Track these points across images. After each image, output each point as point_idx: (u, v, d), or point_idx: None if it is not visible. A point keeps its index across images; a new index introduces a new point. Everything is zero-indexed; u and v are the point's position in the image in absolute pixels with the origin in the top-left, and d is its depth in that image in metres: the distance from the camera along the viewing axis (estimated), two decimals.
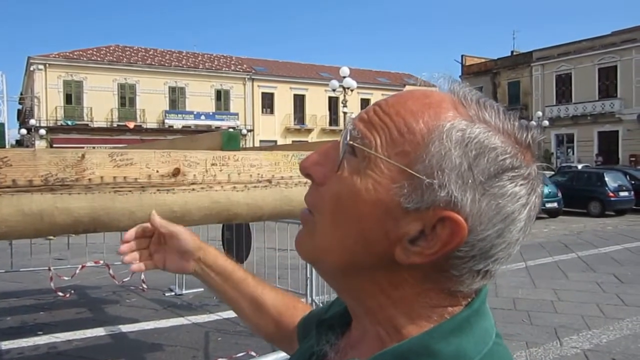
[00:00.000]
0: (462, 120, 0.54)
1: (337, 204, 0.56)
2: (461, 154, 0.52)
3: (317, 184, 0.59)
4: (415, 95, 0.57)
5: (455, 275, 0.54)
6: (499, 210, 0.52)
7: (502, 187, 0.52)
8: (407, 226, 0.53)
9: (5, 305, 6.03)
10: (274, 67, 44.03)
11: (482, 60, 44.92)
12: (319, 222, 0.58)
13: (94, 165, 1.81)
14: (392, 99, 0.58)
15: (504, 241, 0.53)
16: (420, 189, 0.52)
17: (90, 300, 6.28)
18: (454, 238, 0.51)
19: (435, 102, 0.55)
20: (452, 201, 0.51)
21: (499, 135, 0.54)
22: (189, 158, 1.99)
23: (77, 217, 1.80)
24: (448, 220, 0.51)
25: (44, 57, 35.56)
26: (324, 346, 0.65)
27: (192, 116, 39.02)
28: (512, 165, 0.53)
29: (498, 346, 0.56)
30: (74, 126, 35.70)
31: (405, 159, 0.53)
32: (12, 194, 1.69)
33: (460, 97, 0.56)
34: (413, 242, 0.53)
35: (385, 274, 0.56)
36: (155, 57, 40.04)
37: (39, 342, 4.70)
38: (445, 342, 0.53)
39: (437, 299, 0.55)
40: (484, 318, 0.57)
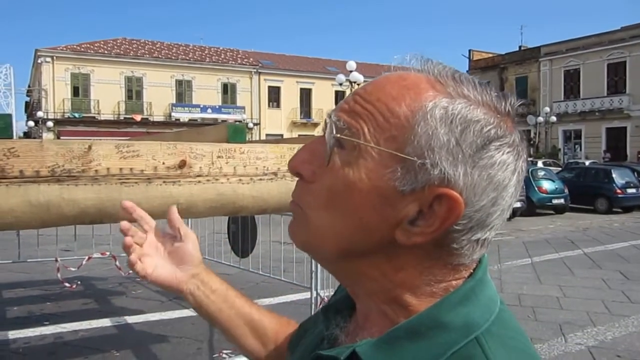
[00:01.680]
0: (443, 98, 0.55)
1: (330, 197, 0.57)
2: (447, 130, 0.53)
3: (307, 181, 0.60)
4: (392, 79, 0.58)
5: (456, 248, 0.55)
6: (491, 179, 0.54)
7: (491, 157, 0.54)
8: (405, 208, 0.54)
9: (13, 295, 6.08)
10: (281, 61, 43.99)
11: (489, 55, 44.69)
12: (311, 216, 0.59)
13: (100, 157, 1.82)
14: (369, 87, 0.58)
15: (499, 208, 0.55)
16: (413, 171, 0.53)
17: (97, 291, 6.32)
18: (451, 213, 0.53)
19: (413, 84, 0.56)
20: (445, 178, 0.52)
21: (480, 107, 0.55)
22: (195, 150, 1.99)
23: (83, 208, 1.81)
24: (444, 197, 0.53)
25: (52, 49, 35.68)
26: (334, 330, 0.65)
27: (198, 109, 39.08)
28: (497, 134, 0.54)
29: (504, 312, 0.58)
30: (81, 119, 35.83)
31: (395, 144, 0.54)
32: (19, 184, 1.70)
33: (435, 76, 0.57)
34: (413, 223, 0.54)
35: (385, 257, 0.57)
36: (162, 50, 40.08)
37: (45, 332, 4.74)
38: (454, 313, 0.54)
39: (441, 274, 0.57)
40: (488, 286, 0.59)
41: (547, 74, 38.94)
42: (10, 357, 4.15)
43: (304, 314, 5.07)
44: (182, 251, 0.85)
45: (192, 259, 0.86)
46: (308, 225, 0.59)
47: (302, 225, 0.60)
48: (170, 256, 0.86)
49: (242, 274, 5.98)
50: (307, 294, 4.70)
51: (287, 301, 5.59)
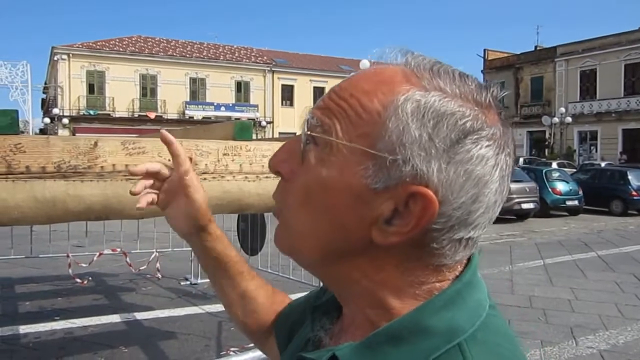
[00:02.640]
0: (417, 91, 0.52)
1: (307, 196, 0.55)
2: (419, 125, 0.51)
3: (285, 179, 0.59)
4: (367, 74, 0.56)
5: (436, 248, 0.53)
6: (469, 175, 0.51)
7: (467, 152, 0.51)
8: (379, 207, 0.52)
9: (25, 290, 6.14)
10: (294, 60, 44.04)
11: (505, 55, 44.32)
12: (291, 217, 0.58)
13: (106, 153, 1.82)
14: (345, 83, 0.57)
15: (481, 206, 0.53)
16: (385, 168, 0.51)
17: (107, 287, 6.37)
18: (426, 211, 0.51)
19: (387, 78, 0.54)
20: (418, 174, 0.50)
21: (456, 99, 0.53)
22: (200, 147, 1.99)
23: (89, 204, 1.81)
24: (418, 195, 0.51)
25: (68, 47, 36.03)
26: (319, 332, 0.65)
27: (212, 107, 39.25)
28: (473, 128, 0.52)
29: (492, 317, 0.55)
30: (96, 116, 36.16)
31: (366, 140, 0.52)
32: (26, 180, 1.71)
33: (412, 68, 0.55)
34: (388, 222, 0.52)
35: (366, 258, 0.55)
36: (176, 48, 40.31)
37: (55, 327, 4.78)
38: (437, 317, 0.53)
39: (423, 275, 0.55)
40: (477, 289, 0.56)
41: (563, 74, 38.54)
42: (21, 352, 4.19)
43: None
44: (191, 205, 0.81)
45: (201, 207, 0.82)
46: (289, 227, 0.58)
47: (284, 228, 0.59)
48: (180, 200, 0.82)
49: None
50: None
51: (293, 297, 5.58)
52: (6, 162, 1.67)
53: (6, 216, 1.72)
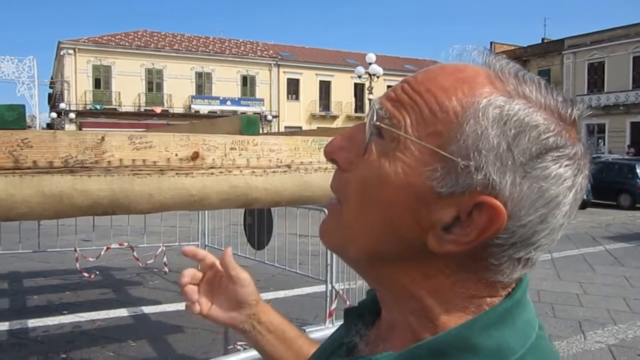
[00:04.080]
0: (500, 96, 0.49)
1: (363, 190, 0.53)
2: (499, 133, 0.47)
3: (342, 169, 0.56)
4: (447, 70, 0.52)
5: (494, 264, 0.50)
6: (542, 193, 0.48)
7: (545, 169, 0.48)
8: (440, 212, 0.49)
9: (33, 284, 6.18)
10: (300, 53, 43.93)
11: (511, 47, 44.04)
12: (345, 209, 0.55)
13: (113, 148, 1.81)
14: (421, 75, 0.53)
15: (547, 227, 0.49)
16: (454, 172, 0.48)
17: (114, 281, 6.39)
18: (492, 225, 0.47)
19: (470, 77, 0.51)
20: (489, 185, 0.47)
21: (541, 111, 0.49)
22: (207, 142, 1.97)
23: (96, 199, 1.80)
24: (485, 206, 0.47)
25: (74, 41, 36.09)
26: (354, 337, 0.61)
27: (218, 102, 39.26)
28: (556, 144, 0.48)
29: (542, 339, 0.53)
30: (102, 110, 36.25)
31: (438, 140, 0.49)
32: (33, 175, 1.70)
33: (496, 71, 0.52)
34: (447, 230, 0.49)
35: (417, 264, 0.52)
36: (182, 43, 40.29)
37: (63, 320, 4.80)
38: (486, 336, 0.49)
39: (475, 289, 0.52)
40: (526, 309, 0.53)
41: (570, 67, 38.27)
42: (30, 345, 4.22)
43: (319, 307, 5.07)
44: (236, 292, 0.84)
45: (248, 302, 0.84)
46: (340, 222, 0.55)
47: (335, 223, 0.56)
48: (225, 295, 0.85)
49: (258, 266, 5.99)
50: (323, 287, 4.69)
51: (302, 294, 5.59)
52: (13, 157, 1.66)
53: (14, 211, 1.71)
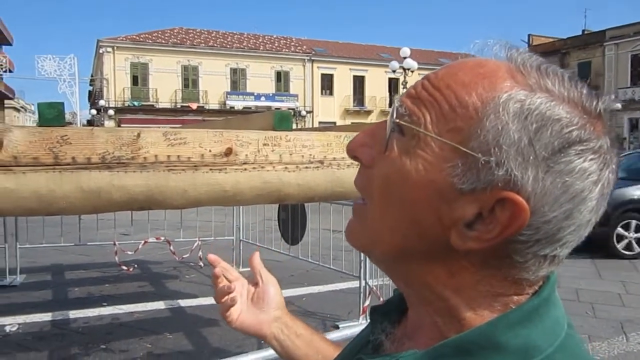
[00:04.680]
0: (521, 90, 0.48)
1: (385, 187, 0.53)
2: (520, 127, 0.47)
3: (364, 166, 0.56)
4: (468, 65, 0.52)
5: (518, 261, 0.49)
6: (566, 188, 0.47)
7: (569, 163, 0.47)
8: (462, 209, 0.49)
9: (74, 277, 6.35)
10: (334, 48, 43.87)
11: (550, 40, 42.98)
12: (369, 208, 0.55)
13: (148, 144, 1.84)
14: (442, 71, 0.53)
15: (573, 223, 0.48)
16: (475, 168, 0.47)
17: (152, 274, 6.52)
18: (514, 221, 0.47)
19: (490, 72, 0.50)
20: (511, 180, 0.46)
21: (564, 104, 0.48)
22: (241, 138, 1.99)
23: (132, 194, 1.84)
24: (507, 202, 0.47)
25: (113, 40, 36.91)
26: (380, 335, 0.61)
27: (252, 97, 39.59)
28: (579, 137, 0.47)
29: (571, 337, 0.51)
30: (140, 107, 37.00)
31: (458, 136, 0.48)
32: (72, 171, 1.74)
33: (518, 65, 0.51)
34: (470, 226, 0.49)
35: (441, 261, 0.52)
36: (217, 39, 40.74)
37: (103, 312, 4.92)
38: (512, 334, 0.49)
39: (500, 286, 0.51)
40: (555, 307, 0.52)
41: (612, 59, 37.08)
42: (71, 336, 4.34)
43: (353, 303, 5.07)
44: (264, 295, 0.88)
45: (274, 303, 0.88)
46: (365, 221, 0.56)
47: (360, 223, 0.57)
48: (252, 300, 0.89)
49: (292, 261, 6.02)
50: (356, 283, 4.68)
51: (336, 289, 5.59)
52: (53, 154, 1.71)
53: (54, 206, 1.76)
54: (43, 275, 6.39)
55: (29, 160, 1.69)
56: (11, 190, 1.68)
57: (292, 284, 5.86)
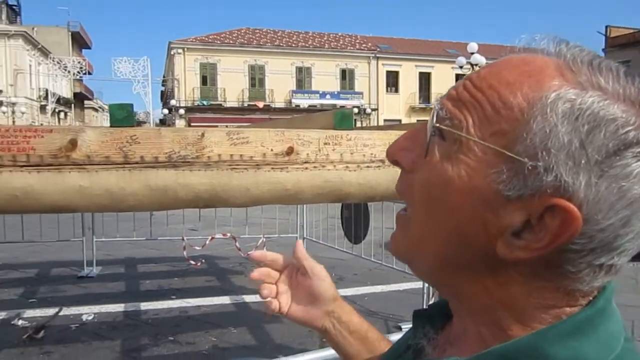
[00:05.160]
0: (571, 89, 0.45)
1: (427, 194, 0.50)
2: (570, 129, 0.43)
3: (405, 171, 0.54)
4: (513, 63, 0.49)
5: (571, 271, 0.46)
6: (623, 194, 0.43)
7: (626, 167, 0.43)
8: (509, 217, 0.46)
9: (146, 270, 6.62)
10: (399, 45, 43.40)
11: (630, 31, 40.56)
12: (411, 216, 0.53)
13: (212, 144, 1.88)
14: (484, 70, 0.50)
15: (632, 230, 0.45)
16: (522, 174, 0.44)
17: (218, 270, 6.69)
18: (565, 229, 0.43)
19: (537, 69, 0.47)
20: (561, 186, 0.43)
21: (619, 103, 0.44)
22: (302, 137, 2.00)
23: (197, 192, 1.89)
24: (558, 209, 0.43)
25: (183, 41, 38.16)
26: (421, 340, 0.60)
27: (317, 95, 39.82)
28: (637, 139, 0.43)
29: (629, 352, 0.47)
30: (209, 106, 38.07)
31: (503, 140, 0.45)
32: (140, 169, 1.81)
33: (568, 61, 0.47)
34: (517, 235, 0.46)
35: (488, 271, 0.49)
36: (283, 38, 41.26)
37: (172, 305, 5.10)
38: (562, 345, 0.45)
39: (552, 298, 0.48)
40: (611, 319, 0.49)
41: None
42: (142, 327, 4.52)
43: (416, 304, 4.99)
44: (311, 288, 0.85)
45: (325, 297, 0.84)
46: (408, 230, 0.53)
47: (402, 233, 0.55)
48: (302, 292, 0.86)
49: (355, 260, 6.01)
50: (420, 284, 4.61)
51: (399, 289, 5.52)
52: (123, 153, 1.78)
53: (124, 203, 1.84)
54: (117, 267, 6.70)
55: (101, 159, 1.77)
56: (85, 188, 1.77)
57: (354, 283, 5.85)
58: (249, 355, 3.91)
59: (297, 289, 0.86)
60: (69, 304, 5.02)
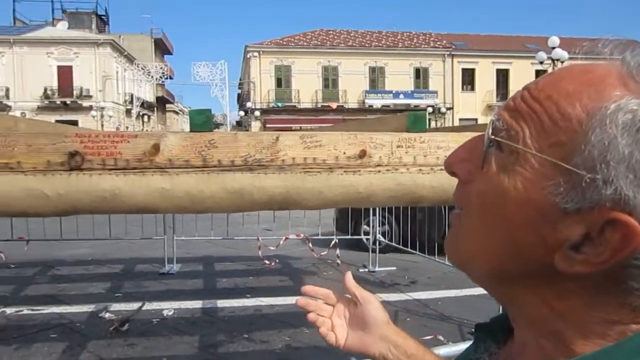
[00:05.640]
0: (633, 99, 0.43)
1: (483, 205, 0.49)
2: (631, 141, 0.41)
3: (462, 181, 0.53)
4: (573, 72, 0.47)
5: (636, 288, 0.44)
6: None
7: None
8: (567, 230, 0.44)
9: (222, 268, 6.84)
10: (475, 41, 42.26)
11: None
12: (465, 223, 0.52)
13: (286, 147, 1.91)
14: (543, 80, 0.48)
15: None
16: (580, 187, 0.43)
17: (292, 270, 6.79)
18: (626, 245, 0.42)
19: (597, 79, 0.45)
20: (621, 200, 0.42)
21: None
22: (374, 140, 1.99)
23: (271, 195, 1.93)
24: (618, 223, 0.42)
25: (258, 45, 39.07)
26: (483, 354, 0.59)
27: (390, 95, 39.54)
28: None
29: None
30: (283, 108, 38.74)
31: (560, 152, 0.44)
32: (218, 172, 1.87)
33: (631, 69, 0.45)
34: (576, 249, 0.44)
35: (546, 284, 0.47)
36: (356, 39, 41.29)
37: (247, 303, 5.24)
38: None
39: (616, 314, 0.46)
40: None
41: None
42: (218, 323, 4.68)
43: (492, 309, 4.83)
44: (364, 315, 0.86)
45: (376, 321, 0.85)
46: (462, 237, 0.53)
47: (457, 237, 0.54)
48: (356, 321, 0.87)
49: (428, 262, 5.93)
50: None
51: (474, 294, 5.36)
52: (202, 156, 1.85)
53: (203, 205, 1.91)
54: (195, 265, 6.97)
55: (181, 163, 1.85)
56: (167, 190, 1.85)
57: (428, 286, 5.76)
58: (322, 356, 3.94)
59: (352, 319, 0.88)
60: (151, 299, 5.27)
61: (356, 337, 0.86)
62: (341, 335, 0.87)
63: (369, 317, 0.84)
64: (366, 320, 0.85)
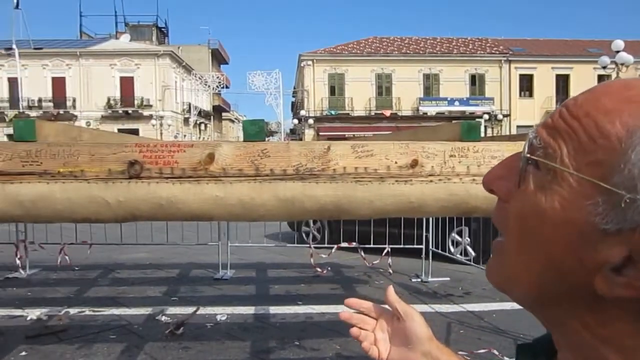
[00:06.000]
0: None
1: (521, 225, 0.48)
2: None
3: (501, 200, 0.52)
4: (613, 88, 0.45)
5: None
6: None
7: None
8: (607, 251, 0.43)
9: (275, 274, 6.91)
10: (533, 47, 41.10)
11: None
12: (506, 246, 0.51)
13: (337, 157, 1.92)
14: (582, 97, 0.47)
15: None
16: (619, 207, 0.41)
17: (343, 278, 6.78)
18: None
19: (639, 96, 0.43)
20: None
21: None
22: (426, 149, 1.97)
23: (323, 204, 1.94)
24: None
25: (312, 53, 39.40)
26: None
27: (445, 102, 38.96)
28: None
29: None
30: (336, 115, 38.85)
31: (599, 171, 0.43)
32: (270, 181, 1.90)
33: None
34: (618, 271, 0.43)
35: (588, 308, 0.46)
36: (410, 46, 40.98)
37: (298, 310, 5.26)
38: None
39: None
40: None
41: None
42: (270, 330, 4.72)
43: None
44: (406, 330, 0.84)
45: (419, 337, 0.83)
46: (503, 260, 0.52)
47: (498, 259, 0.53)
48: (399, 336, 0.86)
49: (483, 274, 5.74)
50: None
51: None
52: (255, 166, 1.89)
53: (255, 213, 1.94)
54: (249, 271, 7.07)
55: (235, 172, 1.89)
56: (221, 198, 1.90)
57: (482, 298, 5.62)
58: None
59: (394, 334, 0.86)
60: (205, 304, 5.39)
61: (399, 352, 0.84)
62: (384, 350, 0.85)
63: (412, 332, 0.83)
64: (408, 336, 0.83)
